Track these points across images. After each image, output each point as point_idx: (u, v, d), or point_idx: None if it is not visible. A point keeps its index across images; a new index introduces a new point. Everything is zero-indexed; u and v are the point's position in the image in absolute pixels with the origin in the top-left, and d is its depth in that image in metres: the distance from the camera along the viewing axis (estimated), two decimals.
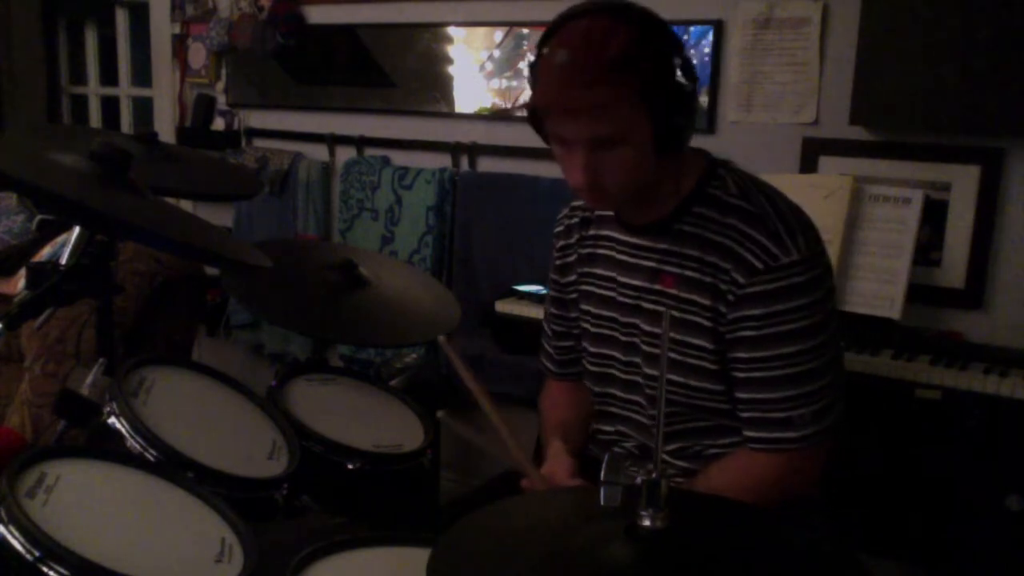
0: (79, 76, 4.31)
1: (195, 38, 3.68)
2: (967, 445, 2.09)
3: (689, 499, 1.21)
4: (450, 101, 3.16)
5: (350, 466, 1.64)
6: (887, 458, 2.22)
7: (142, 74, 4.02)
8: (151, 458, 1.36)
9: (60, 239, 2.36)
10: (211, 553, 1.22)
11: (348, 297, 1.92)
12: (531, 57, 1.44)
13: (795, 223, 1.43)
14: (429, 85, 3.19)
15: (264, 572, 1.21)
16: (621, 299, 1.55)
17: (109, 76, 4.21)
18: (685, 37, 2.61)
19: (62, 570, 1.07)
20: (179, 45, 3.73)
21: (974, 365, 2.11)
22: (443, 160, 3.15)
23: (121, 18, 4.06)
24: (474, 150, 3.10)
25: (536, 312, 2.56)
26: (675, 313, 1.46)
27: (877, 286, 2.24)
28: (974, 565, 2.20)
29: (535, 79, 1.42)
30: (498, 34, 3.03)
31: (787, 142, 2.53)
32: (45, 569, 1.06)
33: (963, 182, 2.32)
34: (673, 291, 1.47)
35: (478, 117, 3.11)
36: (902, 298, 2.21)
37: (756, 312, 1.40)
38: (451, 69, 3.14)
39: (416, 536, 1.35)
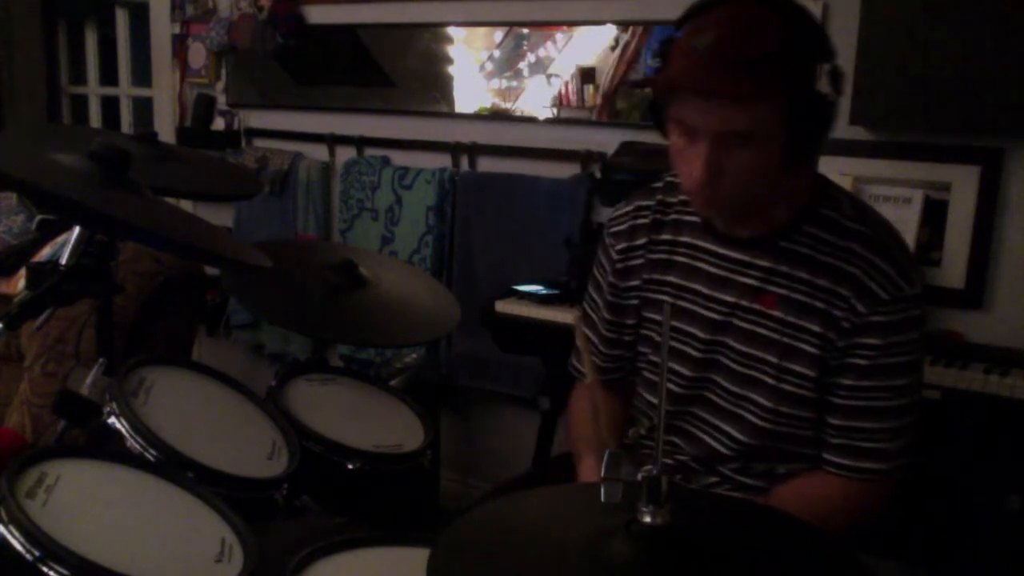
0: (79, 76, 4.31)
1: (195, 38, 3.68)
2: (967, 445, 2.09)
3: (690, 497, 1.21)
4: (450, 101, 3.16)
5: (350, 466, 1.64)
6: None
7: (142, 74, 4.02)
8: (151, 458, 1.36)
9: (60, 239, 2.36)
10: (211, 553, 1.22)
11: (348, 297, 1.92)
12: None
13: (911, 255, 1.40)
14: (429, 85, 3.19)
15: (264, 572, 1.21)
16: (706, 313, 1.46)
17: (109, 76, 4.21)
18: None
19: (62, 570, 1.07)
20: (179, 45, 3.73)
21: (974, 365, 2.10)
22: (443, 160, 3.14)
23: (121, 18, 4.06)
24: (474, 150, 3.10)
25: (536, 312, 2.56)
26: (776, 336, 1.40)
27: None
28: (974, 565, 2.20)
29: (669, 57, 1.30)
30: (498, 34, 3.02)
31: None
32: (45, 569, 1.06)
33: (963, 182, 2.32)
34: (777, 313, 1.40)
35: (478, 117, 3.11)
36: None
37: (873, 342, 1.35)
38: (451, 69, 3.14)
39: (416, 536, 1.34)
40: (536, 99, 2.98)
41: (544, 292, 2.64)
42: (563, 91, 2.93)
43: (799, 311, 1.38)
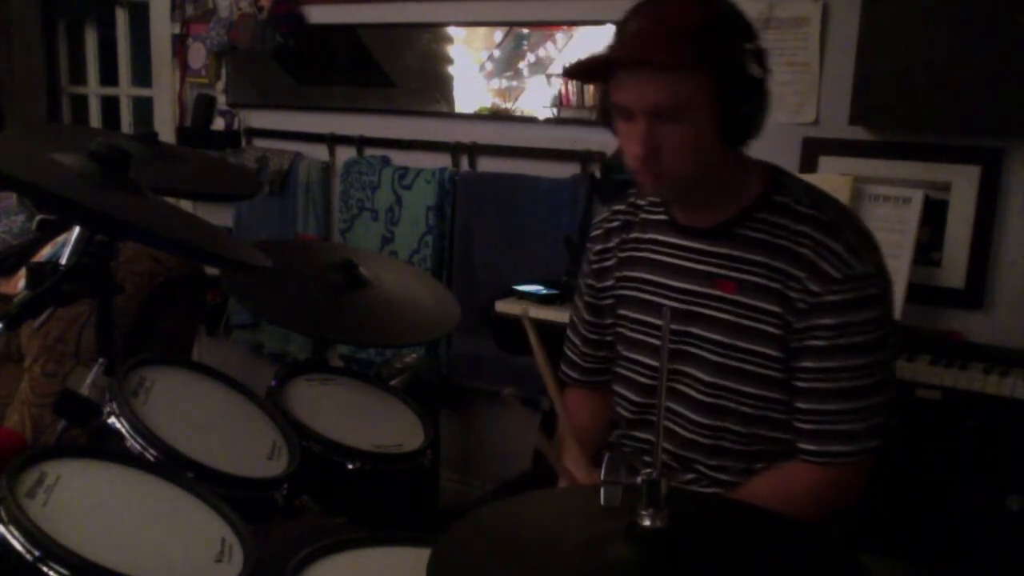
0: (79, 76, 4.31)
1: (195, 38, 3.68)
2: (967, 445, 2.09)
3: (690, 499, 1.21)
4: (450, 101, 3.16)
5: (350, 466, 1.64)
6: (887, 458, 2.21)
7: (142, 74, 4.02)
8: (151, 458, 1.36)
9: (60, 239, 2.36)
10: (211, 553, 1.22)
11: (348, 297, 1.92)
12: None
13: (866, 236, 1.44)
14: (429, 85, 3.18)
15: (264, 572, 1.21)
16: (671, 304, 1.50)
17: (109, 76, 4.20)
18: None
19: (62, 570, 1.07)
20: (179, 45, 3.72)
21: (974, 365, 2.10)
22: (443, 160, 3.14)
23: (121, 18, 4.06)
24: (474, 150, 3.10)
25: (536, 312, 2.56)
26: (736, 320, 1.43)
27: None
28: (974, 565, 2.20)
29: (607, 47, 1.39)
30: (498, 34, 3.02)
31: (787, 142, 2.53)
32: (45, 569, 1.06)
33: (963, 182, 2.32)
34: (735, 296, 1.44)
35: (478, 117, 3.11)
36: (902, 298, 2.21)
37: (829, 322, 1.38)
38: (451, 69, 3.14)
39: (416, 536, 1.35)
40: (536, 99, 2.98)
41: (544, 292, 2.64)
42: (563, 91, 2.92)
43: (757, 293, 1.42)
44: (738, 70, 1.34)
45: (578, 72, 1.47)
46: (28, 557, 1.07)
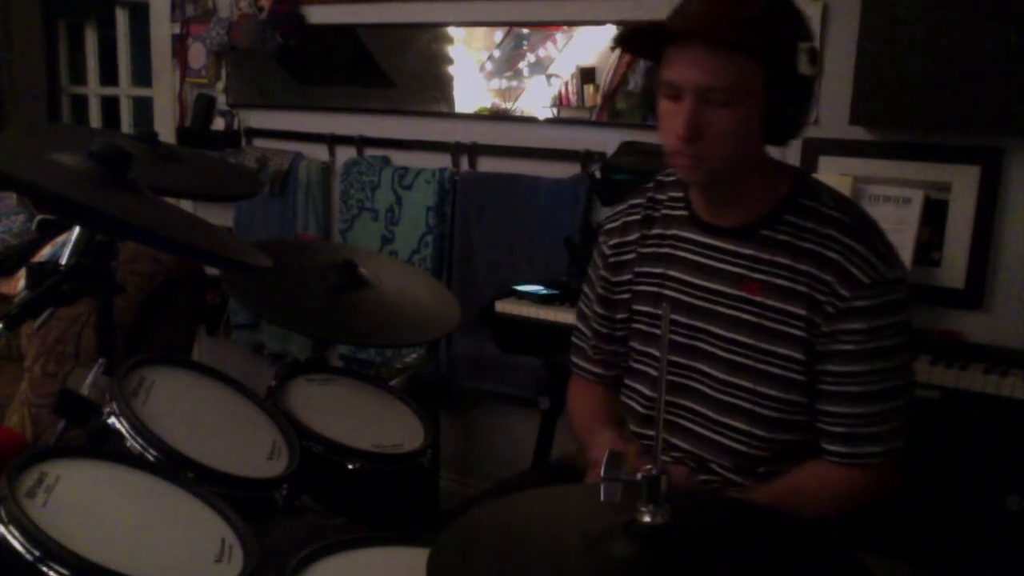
0: (79, 76, 4.31)
1: (195, 38, 3.68)
2: (967, 445, 2.09)
3: (690, 496, 1.20)
4: (450, 101, 3.16)
5: (350, 466, 1.64)
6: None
7: (142, 74, 4.02)
8: (151, 458, 1.36)
9: (60, 239, 2.36)
10: (211, 553, 1.22)
11: (348, 297, 1.92)
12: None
13: (889, 242, 1.44)
14: (429, 85, 3.18)
15: (264, 572, 1.21)
16: (691, 301, 1.50)
17: (109, 76, 4.20)
18: None
19: (62, 570, 1.07)
20: (179, 45, 3.72)
21: (974, 365, 2.10)
22: (443, 160, 3.15)
23: (121, 18, 4.06)
24: (474, 150, 3.10)
25: (536, 312, 2.56)
26: (760, 321, 1.43)
27: None
28: (974, 565, 2.20)
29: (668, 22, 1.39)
30: (498, 34, 3.02)
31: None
32: (45, 569, 1.06)
33: (963, 182, 2.32)
34: (759, 298, 1.44)
35: (478, 117, 3.11)
36: None
37: (858, 326, 1.38)
38: (451, 69, 3.14)
39: (416, 536, 1.35)
40: (536, 99, 2.98)
41: (544, 292, 2.64)
42: (563, 91, 2.93)
43: (782, 296, 1.42)
44: (790, 65, 1.34)
45: (631, 40, 1.45)
46: (28, 557, 1.06)
